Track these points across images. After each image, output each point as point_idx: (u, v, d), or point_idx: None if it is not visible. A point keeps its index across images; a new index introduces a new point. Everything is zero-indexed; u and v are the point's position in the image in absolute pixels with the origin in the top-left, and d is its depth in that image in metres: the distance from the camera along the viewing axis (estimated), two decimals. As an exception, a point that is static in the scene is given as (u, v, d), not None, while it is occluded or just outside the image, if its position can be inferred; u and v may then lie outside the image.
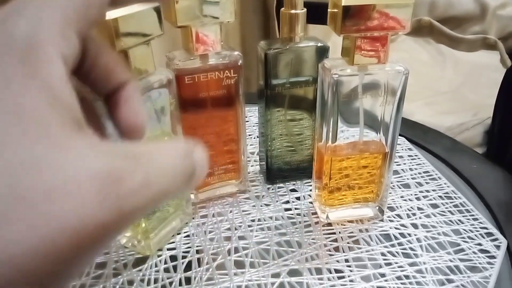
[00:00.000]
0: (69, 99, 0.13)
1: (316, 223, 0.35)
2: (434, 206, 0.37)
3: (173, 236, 0.34)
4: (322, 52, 0.35)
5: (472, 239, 0.34)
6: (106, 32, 0.24)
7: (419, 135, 0.49)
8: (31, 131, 0.12)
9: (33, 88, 0.12)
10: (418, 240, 0.33)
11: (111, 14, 0.24)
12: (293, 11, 0.33)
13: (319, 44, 0.35)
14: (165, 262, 0.32)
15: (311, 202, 0.38)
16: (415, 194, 0.39)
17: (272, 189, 0.40)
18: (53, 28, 0.13)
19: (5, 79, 0.12)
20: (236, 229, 0.35)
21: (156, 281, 0.30)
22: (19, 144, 0.11)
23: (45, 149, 0.12)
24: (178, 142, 0.16)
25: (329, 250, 0.33)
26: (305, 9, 0.34)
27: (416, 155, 0.45)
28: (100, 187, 0.12)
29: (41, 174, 0.11)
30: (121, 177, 0.12)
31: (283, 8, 0.34)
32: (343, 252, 0.32)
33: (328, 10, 0.29)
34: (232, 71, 0.33)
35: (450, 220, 0.36)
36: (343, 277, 0.30)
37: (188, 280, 0.30)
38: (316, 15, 0.36)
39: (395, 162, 0.44)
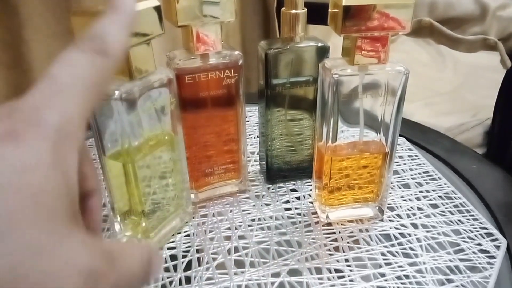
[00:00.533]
0: (75, 193, 0.15)
1: (316, 222, 0.35)
2: (434, 206, 0.37)
3: (173, 235, 0.34)
4: (322, 52, 0.35)
5: (472, 239, 0.34)
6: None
7: (419, 135, 0.49)
8: (41, 218, 0.13)
9: (56, 176, 0.14)
10: (418, 240, 0.33)
11: None
12: (293, 11, 0.33)
13: (320, 44, 0.35)
14: (165, 262, 0.32)
15: (311, 202, 0.38)
16: (415, 194, 0.39)
17: (272, 189, 0.40)
18: (75, 121, 0.15)
19: (38, 160, 0.14)
20: (236, 228, 0.35)
21: (156, 280, 0.30)
22: (30, 229, 0.13)
23: (49, 238, 0.13)
24: (142, 247, 0.18)
25: (329, 250, 0.33)
26: (306, 9, 0.34)
27: (416, 155, 0.45)
28: (83, 282, 0.14)
29: (42, 260, 0.13)
30: (99, 277, 0.14)
31: (283, 8, 0.34)
32: (343, 252, 0.32)
33: (329, 10, 0.29)
34: (232, 70, 0.33)
35: (450, 220, 0.36)
36: (343, 276, 0.30)
37: (188, 280, 0.30)
38: (317, 15, 0.36)
39: (395, 162, 0.44)
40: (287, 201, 0.38)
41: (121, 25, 0.17)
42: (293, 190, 0.40)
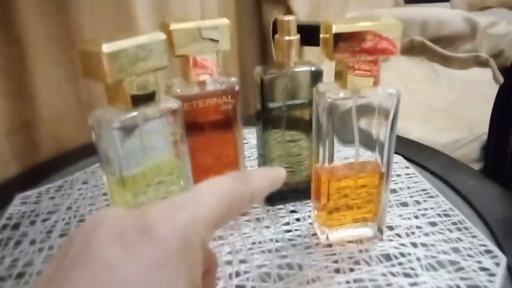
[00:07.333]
0: (199, 284, 0.17)
1: (317, 244, 0.36)
2: (433, 224, 0.38)
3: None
4: (316, 76, 0.36)
5: (472, 256, 0.34)
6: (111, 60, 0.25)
7: (416, 153, 0.50)
8: None
9: (183, 272, 0.15)
10: (418, 259, 0.34)
11: (119, 44, 0.25)
12: (286, 38, 0.34)
13: (313, 68, 0.36)
14: (167, 288, 0.32)
15: (311, 223, 0.38)
16: (414, 213, 0.39)
17: (272, 211, 0.40)
18: (203, 221, 0.17)
19: (167, 257, 0.15)
20: (237, 252, 0.35)
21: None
22: None
23: None
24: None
25: (330, 272, 0.33)
26: (299, 35, 0.35)
27: (413, 173, 0.46)
28: None
29: None
30: None
31: (277, 35, 0.35)
32: (344, 273, 0.32)
33: (320, 35, 0.30)
34: (229, 96, 0.34)
35: (449, 238, 0.36)
36: (344, 298, 0.30)
37: (189, 306, 0.30)
38: (311, 37, 0.37)
39: (393, 181, 0.44)
40: (287, 223, 0.38)
41: (266, 177, 0.21)
42: (293, 211, 0.40)
